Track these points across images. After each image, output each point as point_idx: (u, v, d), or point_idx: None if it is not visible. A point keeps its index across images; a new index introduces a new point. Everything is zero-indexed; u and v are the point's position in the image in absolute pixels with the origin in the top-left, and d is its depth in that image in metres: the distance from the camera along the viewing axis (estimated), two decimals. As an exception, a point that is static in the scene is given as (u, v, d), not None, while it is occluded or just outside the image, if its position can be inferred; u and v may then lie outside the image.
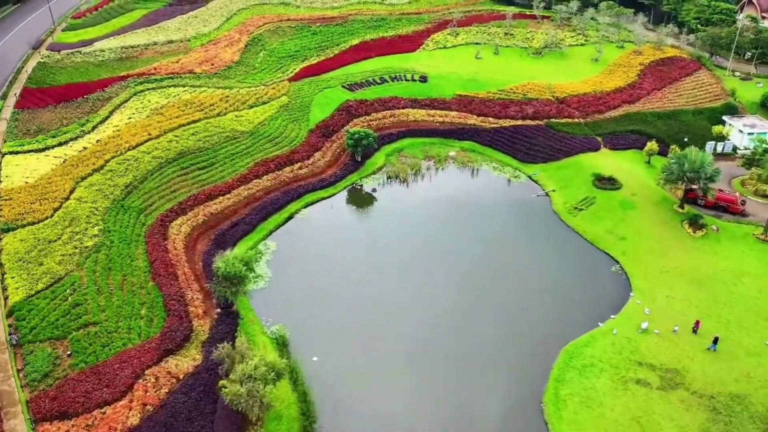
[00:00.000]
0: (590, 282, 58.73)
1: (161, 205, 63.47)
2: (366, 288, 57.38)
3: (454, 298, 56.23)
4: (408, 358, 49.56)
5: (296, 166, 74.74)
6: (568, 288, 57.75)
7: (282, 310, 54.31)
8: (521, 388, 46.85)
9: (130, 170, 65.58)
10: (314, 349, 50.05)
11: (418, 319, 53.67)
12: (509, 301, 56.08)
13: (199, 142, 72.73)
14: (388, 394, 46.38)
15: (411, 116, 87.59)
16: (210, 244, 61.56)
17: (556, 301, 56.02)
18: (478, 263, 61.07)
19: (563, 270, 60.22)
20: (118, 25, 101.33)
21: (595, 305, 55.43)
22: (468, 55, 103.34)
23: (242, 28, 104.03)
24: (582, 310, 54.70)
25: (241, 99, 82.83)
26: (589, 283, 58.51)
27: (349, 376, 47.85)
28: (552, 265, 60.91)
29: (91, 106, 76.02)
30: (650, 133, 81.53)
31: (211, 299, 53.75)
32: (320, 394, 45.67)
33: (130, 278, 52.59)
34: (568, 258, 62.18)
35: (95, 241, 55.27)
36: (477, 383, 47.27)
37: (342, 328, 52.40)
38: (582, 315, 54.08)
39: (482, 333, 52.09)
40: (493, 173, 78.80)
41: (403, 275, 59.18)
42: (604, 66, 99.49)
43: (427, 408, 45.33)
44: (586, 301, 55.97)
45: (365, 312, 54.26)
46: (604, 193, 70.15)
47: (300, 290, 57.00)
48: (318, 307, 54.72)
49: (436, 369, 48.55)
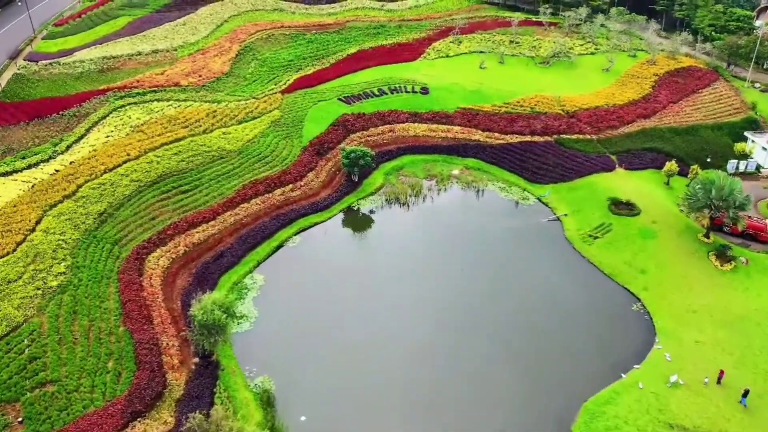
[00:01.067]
0: (610, 323, 53.20)
1: (138, 235, 57.95)
2: (363, 330, 51.86)
3: (460, 343, 50.68)
4: (410, 416, 44.00)
5: (288, 188, 69.21)
6: (585, 330, 52.27)
7: (268, 357, 48.82)
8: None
9: (105, 196, 60.03)
10: (303, 406, 44.55)
11: (421, 369, 48.11)
12: (522, 346, 50.56)
13: (182, 162, 67.20)
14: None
15: (411, 131, 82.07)
16: (191, 280, 56.01)
17: (573, 345, 50.53)
18: (486, 302, 55.51)
19: (579, 308, 54.71)
20: (101, 33, 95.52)
21: (616, 351, 49.97)
22: (472, 64, 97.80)
23: (233, 36, 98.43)
24: (602, 358, 49.24)
25: (229, 114, 77.29)
26: (608, 325, 52.99)
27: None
28: (566, 302, 55.39)
29: (66, 123, 70.41)
30: (668, 152, 76.00)
31: (189, 345, 48.26)
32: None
33: (97, 323, 47.06)
34: (583, 294, 56.67)
35: (61, 281, 49.69)
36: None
37: (336, 380, 46.82)
38: (602, 363, 48.61)
39: (490, 385, 46.59)
40: (499, 194, 73.27)
41: (405, 314, 53.64)
42: (616, 77, 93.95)
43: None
44: (605, 346, 50.49)
45: (362, 359, 48.73)
46: (621, 220, 64.59)
47: (289, 333, 51.48)
48: (309, 354, 49.20)
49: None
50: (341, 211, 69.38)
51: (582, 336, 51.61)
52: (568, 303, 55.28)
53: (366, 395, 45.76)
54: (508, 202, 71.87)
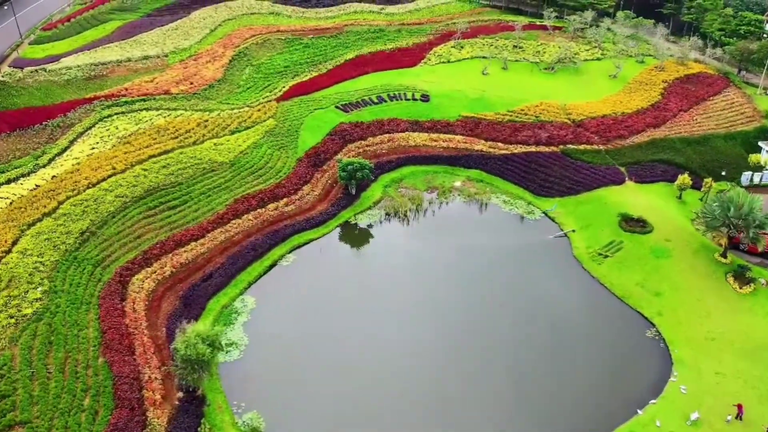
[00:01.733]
0: (623, 351, 49.95)
1: (122, 255, 54.64)
2: (361, 359, 48.58)
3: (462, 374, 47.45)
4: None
5: (282, 203, 65.92)
6: (597, 360, 49.02)
7: (259, 390, 45.59)
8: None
9: (88, 213, 56.70)
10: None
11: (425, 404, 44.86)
12: (528, 379, 47.29)
13: (170, 176, 63.87)
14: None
15: (411, 141, 78.76)
16: (177, 304, 52.74)
17: (585, 377, 47.31)
18: (490, 328, 52.28)
19: (590, 335, 51.51)
20: (89, 39, 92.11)
21: (631, 383, 46.81)
22: (474, 70, 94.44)
23: (227, 41, 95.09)
24: (616, 391, 46.06)
25: (221, 123, 73.97)
26: (621, 353, 49.75)
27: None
28: (576, 328, 52.17)
29: (50, 135, 67.14)
30: (680, 163, 72.77)
31: (172, 378, 44.99)
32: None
33: (74, 355, 43.76)
34: (594, 318, 53.49)
35: (36, 307, 46.38)
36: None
37: (332, 417, 43.51)
38: (616, 397, 45.43)
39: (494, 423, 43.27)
40: (503, 208, 69.98)
41: (407, 341, 50.44)
42: (623, 83, 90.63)
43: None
44: (619, 378, 47.28)
45: (361, 393, 45.51)
46: (632, 237, 61.32)
47: (281, 362, 48.19)
48: (303, 386, 45.97)
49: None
50: (338, 226, 66.13)
51: (594, 366, 48.36)
52: (578, 329, 52.04)
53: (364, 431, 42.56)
54: (512, 216, 68.59)
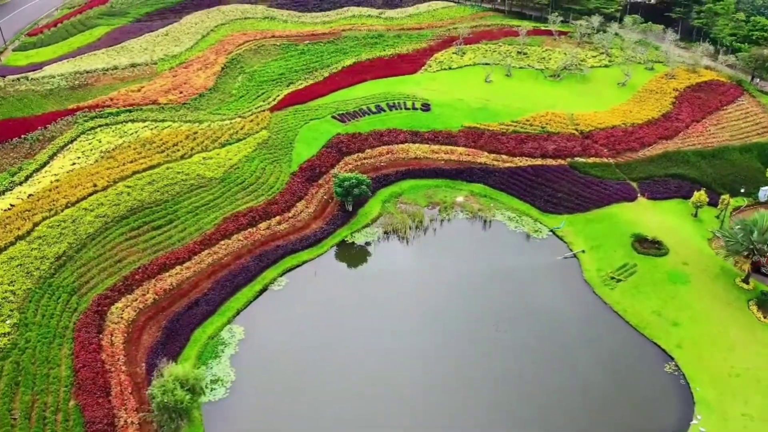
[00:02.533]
0: (640, 388, 46.12)
1: (101, 281, 50.96)
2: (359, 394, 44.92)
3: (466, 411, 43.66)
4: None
5: (274, 221, 62.21)
6: (611, 398, 45.29)
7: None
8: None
9: (65, 235, 53.04)
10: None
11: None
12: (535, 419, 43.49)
13: (155, 193, 60.18)
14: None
15: (411, 153, 75.00)
16: (159, 335, 48.93)
17: (599, 418, 43.54)
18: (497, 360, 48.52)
19: (604, 369, 47.72)
20: (75, 45, 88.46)
21: (650, 425, 42.96)
22: (477, 77, 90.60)
23: (219, 48, 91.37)
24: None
25: (211, 136, 70.24)
26: (639, 391, 45.91)
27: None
28: (589, 361, 48.36)
29: (29, 149, 63.57)
30: (695, 179, 68.96)
31: (151, 422, 41.25)
32: None
33: (43, 398, 40.14)
34: (607, 350, 49.71)
35: (4, 343, 42.76)
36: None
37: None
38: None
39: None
40: (509, 225, 66.22)
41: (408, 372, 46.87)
42: (632, 92, 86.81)
43: None
44: (636, 420, 43.49)
45: None
46: (647, 260, 57.56)
47: (271, 401, 44.56)
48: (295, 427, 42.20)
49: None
50: (334, 246, 62.42)
51: (608, 406, 44.65)
52: (591, 362, 48.25)
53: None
54: (518, 234, 64.84)
